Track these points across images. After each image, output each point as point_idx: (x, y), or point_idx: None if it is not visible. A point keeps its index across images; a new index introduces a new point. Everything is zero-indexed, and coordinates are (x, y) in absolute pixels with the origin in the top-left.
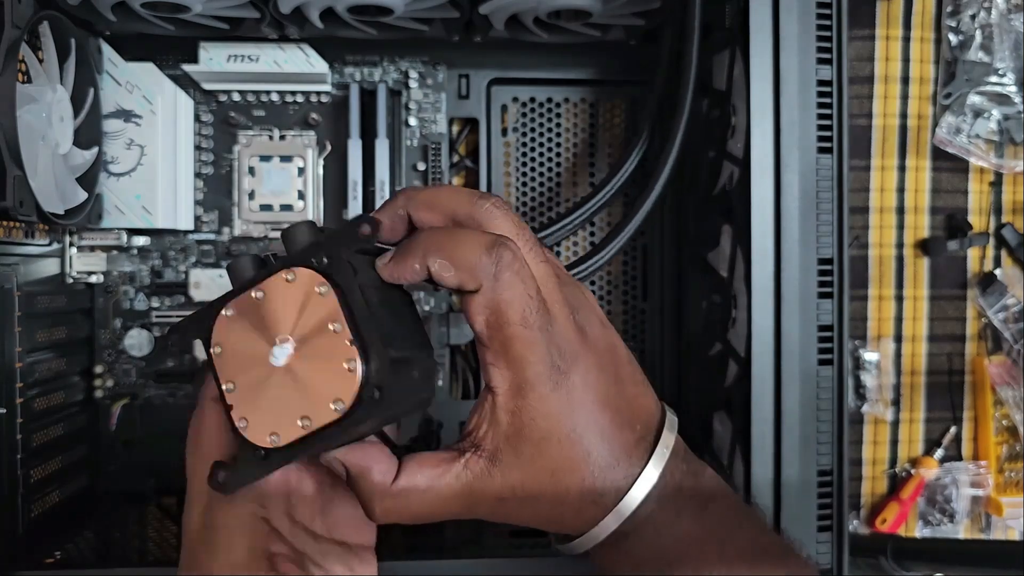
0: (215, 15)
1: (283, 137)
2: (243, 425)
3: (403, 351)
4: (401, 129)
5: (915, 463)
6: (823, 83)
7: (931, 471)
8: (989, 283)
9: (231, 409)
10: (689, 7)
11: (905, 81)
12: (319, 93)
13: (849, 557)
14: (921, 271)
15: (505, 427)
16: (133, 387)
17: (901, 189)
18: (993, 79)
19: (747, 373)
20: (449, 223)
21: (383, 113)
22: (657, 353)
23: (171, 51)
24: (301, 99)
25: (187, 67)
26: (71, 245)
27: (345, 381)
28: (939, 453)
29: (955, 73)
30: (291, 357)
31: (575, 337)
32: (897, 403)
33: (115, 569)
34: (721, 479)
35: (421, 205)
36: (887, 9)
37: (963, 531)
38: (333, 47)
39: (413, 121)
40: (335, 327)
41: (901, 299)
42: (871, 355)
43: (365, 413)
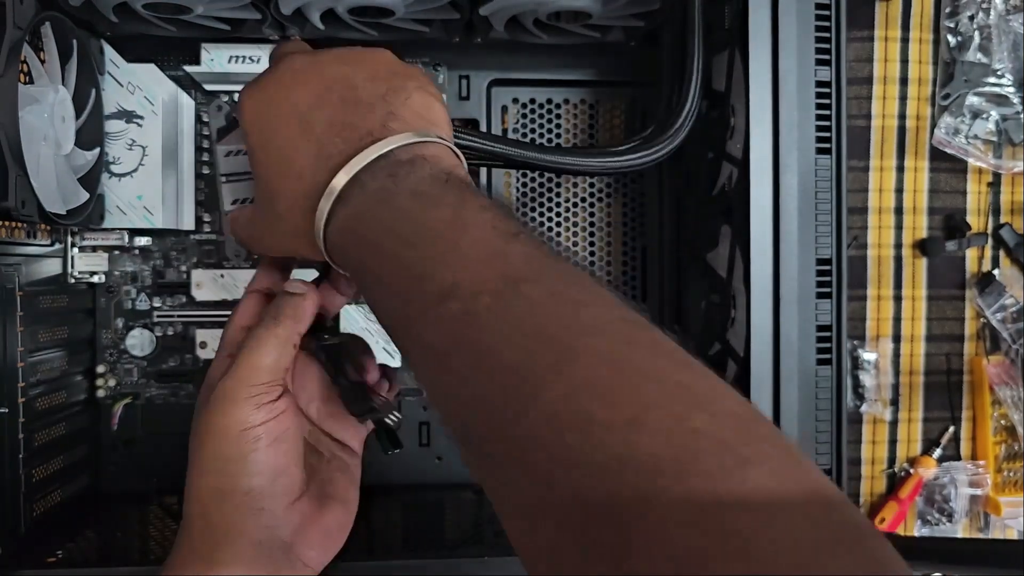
0: (216, 16)
1: None
2: None
3: None
4: None
5: (913, 463)
6: (822, 84)
7: (929, 471)
8: (987, 283)
9: None
10: (690, 4)
11: (904, 82)
12: None
13: None
14: (919, 271)
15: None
16: (135, 387)
17: (900, 190)
18: (991, 80)
19: (746, 373)
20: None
21: None
22: None
23: (173, 52)
24: None
25: (189, 68)
26: (73, 245)
27: None
28: (937, 453)
29: (953, 74)
30: None
31: None
32: (896, 403)
33: (117, 568)
34: None
35: None
36: (886, 10)
37: (961, 530)
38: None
39: None
40: None
41: (900, 299)
42: (869, 355)
43: None
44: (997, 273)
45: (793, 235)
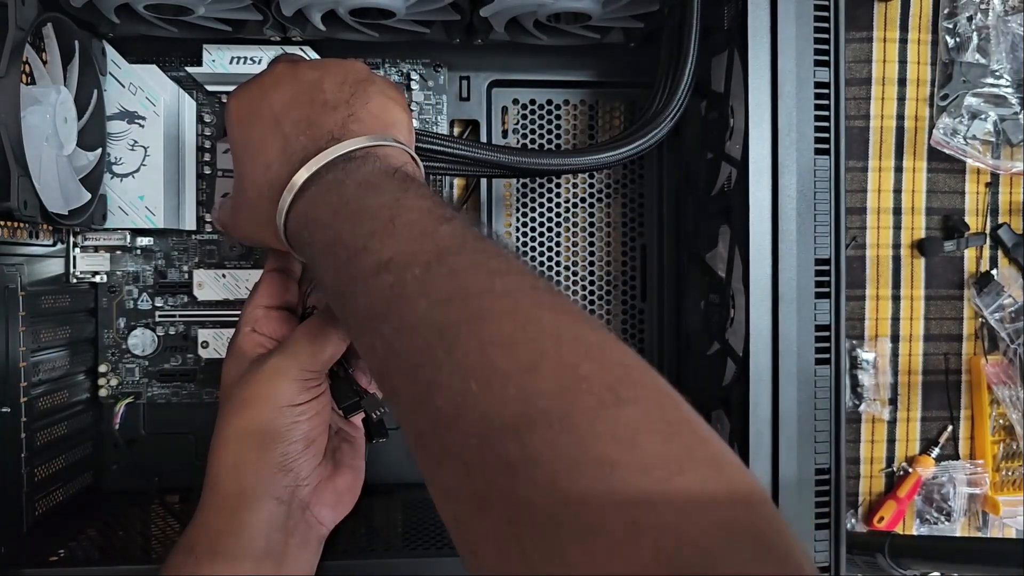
0: (218, 17)
1: None
2: None
3: None
4: None
5: (912, 462)
6: (821, 85)
7: (928, 470)
8: (985, 283)
9: None
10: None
11: (902, 83)
12: None
13: (846, 555)
14: (918, 271)
15: None
16: (137, 386)
17: (898, 190)
18: (990, 81)
19: (745, 372)
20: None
21: None
22: (655, 352)
23: (174, 53)
24: None
25: (190, 69)
26: (75, 245)
27: None
28: (936, 452)
29: (952, 75)
30: None
31: None
32: (894, 402)
33: (118, 567)
34: None
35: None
36: (884, 11)
37: (960, 529)
38: (335, 49)
39: (415, 123)
40: None
41: (898, 299)
42: (868, 354)
43: None
44: (995, 273)
45: (792, 235)
